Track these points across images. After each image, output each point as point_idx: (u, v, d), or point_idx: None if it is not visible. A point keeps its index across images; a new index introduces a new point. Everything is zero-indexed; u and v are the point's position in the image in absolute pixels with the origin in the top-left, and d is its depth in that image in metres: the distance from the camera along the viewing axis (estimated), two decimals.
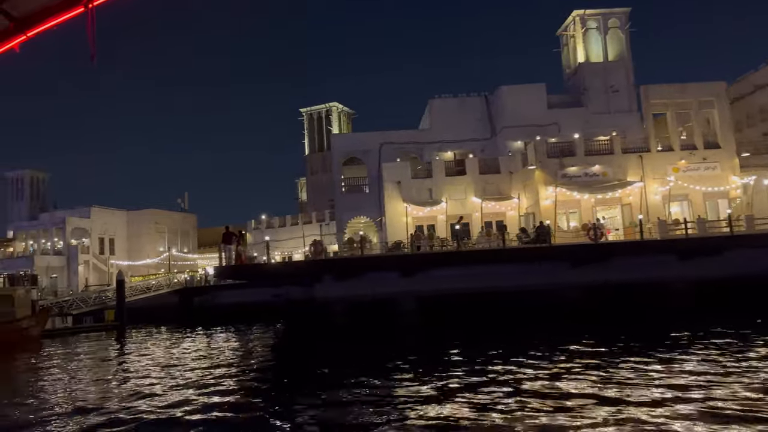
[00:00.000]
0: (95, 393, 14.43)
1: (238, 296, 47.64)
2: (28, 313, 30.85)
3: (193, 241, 74.74)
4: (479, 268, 24.46)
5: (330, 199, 38.70)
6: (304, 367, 17.14)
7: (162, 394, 13.20)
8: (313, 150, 58.43)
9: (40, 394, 14.87)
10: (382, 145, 36.45)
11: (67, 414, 11.70)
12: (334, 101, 57.89)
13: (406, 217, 31.18)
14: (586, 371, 12.58)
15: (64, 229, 62.59)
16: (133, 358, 22.50)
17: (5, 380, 18.78)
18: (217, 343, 26.55)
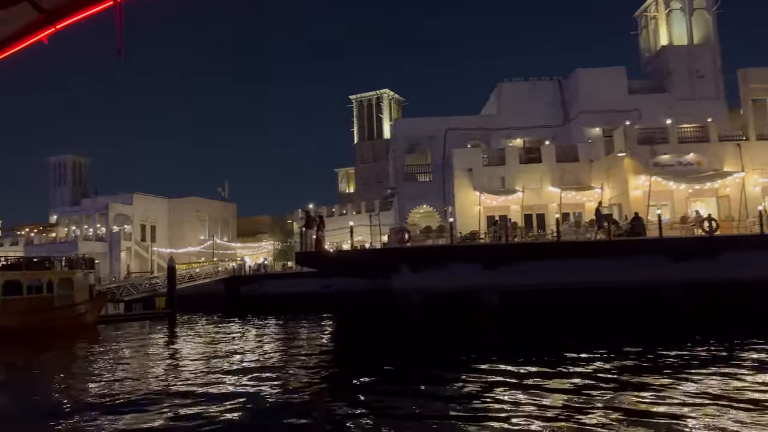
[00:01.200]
0: (163, 382, 13.55)
1: (286, 286, 46.56)
2: (86, 298, 29.86)
3: (233, 230, 74.00)
4: (572, 262, 22.53)
5: (391, 187, 36.94)
6: (379, 361, 15.64)
7: (232, 384, 12.63)
8: (363, 138, 56.83)
9: (106, 382, 13.83)
10: (447, 131, 34.60)
11: (140, 403, 10.96)
12: (385, 88, 56.15)
13: (479, 206, 29.33)
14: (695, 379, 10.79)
15: (106, 215, 62.20)
16: (193, 345, 21.56)
17: (67, 368, 17.62)
18: (277, 333, 25.38)
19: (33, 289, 26.86)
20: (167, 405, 10.60)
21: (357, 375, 13.13)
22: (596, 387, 10.45)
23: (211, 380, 13.25)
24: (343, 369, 15.11)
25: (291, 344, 21.16)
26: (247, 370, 14.36)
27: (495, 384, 11.10)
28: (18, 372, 17.66)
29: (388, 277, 25.40)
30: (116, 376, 14.71)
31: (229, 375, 13.86)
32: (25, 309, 26.27)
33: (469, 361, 13.98)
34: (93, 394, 12.56)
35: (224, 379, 13.27)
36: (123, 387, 13.01)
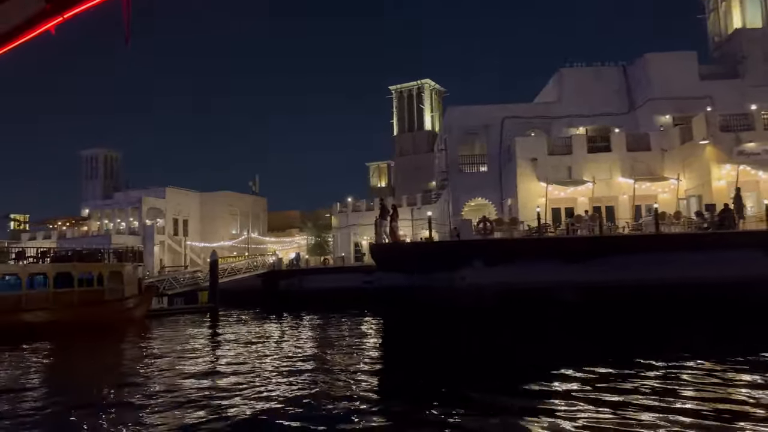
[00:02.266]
0: (220, 380, 12.83)
1: (326, 281, 45.40)
2: (135, 292, 28.88)
3: (264, 225, 73.19)
4: (662, 256, 20.86)
5: (442, 178, 35.43)
6: (456, 365, 14.26)
7: (289, 381, 12.23)
8: (402, 130, 55.31)
9: (167, 379, 13.04)
10: (504, 119, 32.99)
11: (201, 403, 10.36)
12: (426, 78, 54.52)
13: (546, 197, 27.70)
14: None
15: (140, 209, 61.67)
16: (245, 342, 20.57)
17: (124, 364, 16.53)
18: (327, 330, 24.23)
19: (84, 282, 25.91)
20: (227, 404, 10.17)
21: (434, 381, 11.86)
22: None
23: (275, 379, 12.51)
24: (419, 374, 13.24)
25: (348, 343, 19.83)
26: (311, 371, 13.51)
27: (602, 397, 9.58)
28: (74, 368, 16.63)
29: (452, 271, 23.95)
30: (175, 374, 13.78)
31: (292, 376, 12.94)
32: (76, 302, 25.31)
33: (562, 365, 12.40)
34: (153, 392, 11.62)
35: (287, 380, 12.44)
36: (183, 386, 12.19)
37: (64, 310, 24.51)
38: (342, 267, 46.40)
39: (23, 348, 19.91)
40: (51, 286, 24.51)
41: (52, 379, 14.94)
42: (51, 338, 22.38)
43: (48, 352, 19.78)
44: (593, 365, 12.13)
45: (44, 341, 21.73)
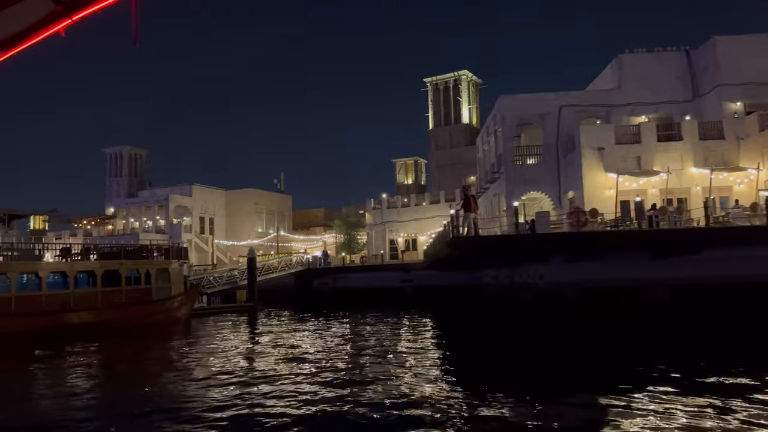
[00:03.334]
0: (281, 386, 11.80)
1: (362, 280, 44.02)
2: (181, 290, 27.60)
3: (289, 223, 72.00)
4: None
5: (493, 171, 33.82)
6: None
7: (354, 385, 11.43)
8: (438, 123, 53.67)
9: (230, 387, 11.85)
10: (561, 108, 31.34)
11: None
12: (464, 69, 52.82)
13: (615, 189, 26.05)
14: None
15: (167, 207, 60.68)
16: (293, 343, 19.48)
17: (177, 369, 15.16)
18: (374, 331, 22.83)
19: (131, 280, 24.64)
20: (309, 413, 9.45)
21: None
22: None
23: (355, 385, 11.52)
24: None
25: (401, 344, 18.34)
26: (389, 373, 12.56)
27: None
28: (128, 374, 15.32)
29: (530, 267, 22.39)
30: (237, 382, 12.50)
31: (350, 384, 11.77)
32: (124, 302, 24.04)
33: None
34: (218, 403, 10.49)
35: (347, 386, 11.43)
36: (248, 394, 11.12)
37: (112, 310, 23.26)
38: (379, 265, 45.01)
39: (71, 351, 18.70)
40: (99, 285, 23.24)
41: (107, 386, 13.64)
42: (99, 340, 21.15)
43: (98, 356, 18.56)
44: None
45: (92, 343, 20.53)
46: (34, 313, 20.80)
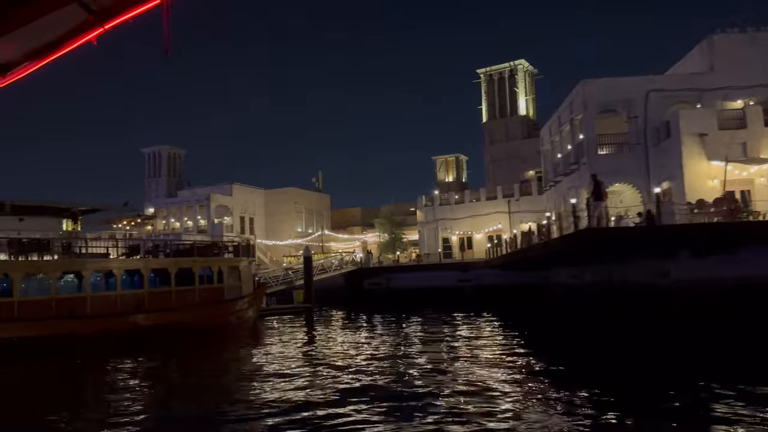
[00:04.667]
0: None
1: (417, 280, 42.06)
2: (251, 290, 26.00)
3: (327, 222, 70.57)
4: None
5: (574, 162, 31.68)
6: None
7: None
8: (493, 116, 51.57)
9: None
10: (648, 93, 29.12)
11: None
12: (521, 59, 50.66)
13: (723, 178, 23.78)
14: None
15: (208, 206, 59.68)
16: (366, 346, 18.31)
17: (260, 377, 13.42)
18: (445, 332, 21.22)
19: (204, 279, 23.07)
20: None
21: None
22: None
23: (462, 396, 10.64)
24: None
25: (486, 349, 16.57)
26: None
27: None
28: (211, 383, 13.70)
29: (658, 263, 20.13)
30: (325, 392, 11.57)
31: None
32: (197, 302, 22.48)
33: None
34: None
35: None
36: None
37: (185, 311, 21.71)
38: (434, 264, 43.05)
39: (145, 356, 17.20)
40: (173, 284, 21.69)
41: (193, 398, 12.00)
42: (178, 343, 19.64)
43: (178, 362, 16.99)
44: None
45: (169, 346, 19.06)
46: (109, 315, 19.32)
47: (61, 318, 18.09)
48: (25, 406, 12.01)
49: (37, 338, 17.17)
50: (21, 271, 17.74)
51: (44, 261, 18.64)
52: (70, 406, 11.59)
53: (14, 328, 17.18)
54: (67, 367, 16.05)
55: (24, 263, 18.18)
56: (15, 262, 17.91)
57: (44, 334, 17.38)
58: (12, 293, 17.40)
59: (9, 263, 17.68)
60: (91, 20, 3.10)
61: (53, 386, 14.12)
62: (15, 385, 14.49)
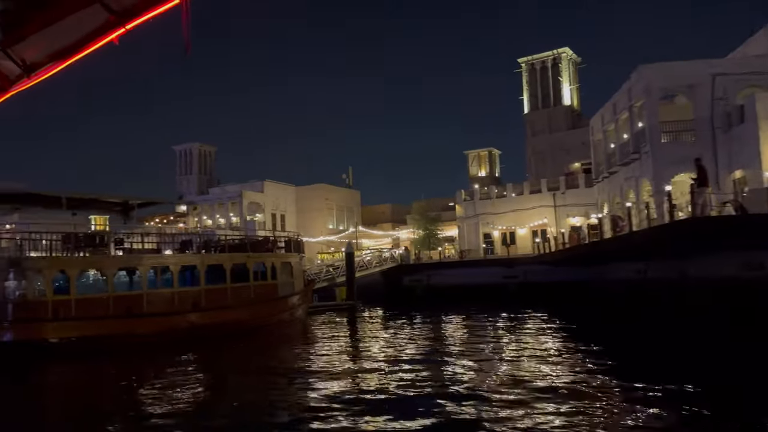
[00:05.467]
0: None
1: (459, 277, 40.85)
2: (302, 287, 25.05)
3: (358, 219, 69.62)
4: None
5: (635, 151, 30.15)
6: None
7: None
8: (535, 107, 50.00)
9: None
10: (715, 77, 27.46)
11: None
12: (564, 46, 48.97)
13: None
14: None
15: (240, 203, 59.19)
16: (422, 345, 17.38)
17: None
18: (503, 331, 19.95)
19: (258, 275, 22.15)
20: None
21: None
22: None
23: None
24: None
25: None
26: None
27: None
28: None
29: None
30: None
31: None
32: (252, 299, 21.56)
33: None
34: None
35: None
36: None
37: (241, 309, 20.82)
38: (478, 260, 41.79)
39: (203, 356, 16.33)
40: (228, 280, 20.79)
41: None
42: (231, 342, 18.76)
43: (239, 362, 16.04)
44: None
45: (227, 345, 18.16)
46: (166, 313, 18.47)
47: (118, 317, 17.28)
48: (89, 409, 11.18)
49: (95, 338, 16.39)
50: (78, 267, 16.97)
51: (101, 257, 17.85)
52: (133, 409, 10.73)
53: (72, 328, 16.40)
54: (127, 368, 15.23)
55: (81, 259, 17.42)
56: (71, 258, 17.14)
57: (102, 334, 16.58)
58: (69, 290, 16.61)
59: (65, 259, 16.91)
60: (112, 20, 3.10)
61: (115, 389, 13.27)
62: (78, 387, 13.69)
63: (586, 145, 41.16)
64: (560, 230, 40.91)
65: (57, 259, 16.77)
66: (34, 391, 13.42)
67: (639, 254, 24.96)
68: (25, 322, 16.00)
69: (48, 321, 16.08)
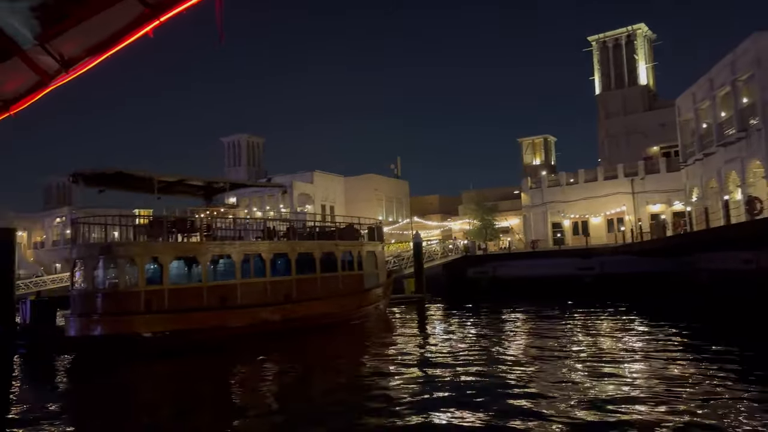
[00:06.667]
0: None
1: (528, 268, 38.64)
2: (385, 278, 23.34)
3: (407, 210, 67.87)
4: None
5: (742, 129, 27.43)
6: None
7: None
8: (608, 87, 47.14)
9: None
10: None
11: None
12: (639, 23, 45.94)
13: None
14: None
15: (290, 195, 57.92)
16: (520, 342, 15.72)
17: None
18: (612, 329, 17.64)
19: (345, 265, 20.49)
20: None
21: None
22: None
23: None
24: None
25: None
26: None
27: None
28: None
29: None
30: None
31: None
32: (340, 291, 19.91)
33: None
34: None
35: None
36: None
37: (330, 301, 19.20)
38: (549, 251, 39.52)
39: (303, 355, 14.69)
40: (318, 270, 19.18)
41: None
42: (324, 338, 17.18)
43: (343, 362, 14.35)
44: None
45: (321, 339, 16.55)
46: (259, 304, 16.95)
47: (212, 308, 15.82)
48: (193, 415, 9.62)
49: (189, 332, 14.94)
50: (171, 254, 15.54)
51: (195, 243, 16.41)
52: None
53: (165, 321, 14.99)
54: (231, 366, 13.73)
55: (175, 245, 15.97)
56: (165, 244, 15.73)
57: (196, 327, 15.13)
58: (161, 280, 15.20)
59: (159, 246, 15.50)
60: (147, 13, 3.13)
61: (225, 394, 11.75)
62: (180, 389, 12.21)
63: (666, 127, 38.42)
64: (638, 219, 38.30)
65: (149, 245, 15.39)
66: (129, 392, 12.02)
67: (745, 244, 22.49)
68: (116, 314, 14.65)
69: (140, 314, 14.70)
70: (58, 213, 69.27)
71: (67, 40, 3.16)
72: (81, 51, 3.28)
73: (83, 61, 3.33)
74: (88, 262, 15.05)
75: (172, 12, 3.16)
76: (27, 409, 10.45)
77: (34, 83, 3.36)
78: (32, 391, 12.63)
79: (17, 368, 15.29)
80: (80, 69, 3.35)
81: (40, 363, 15.57)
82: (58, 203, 75.23)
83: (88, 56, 3.32)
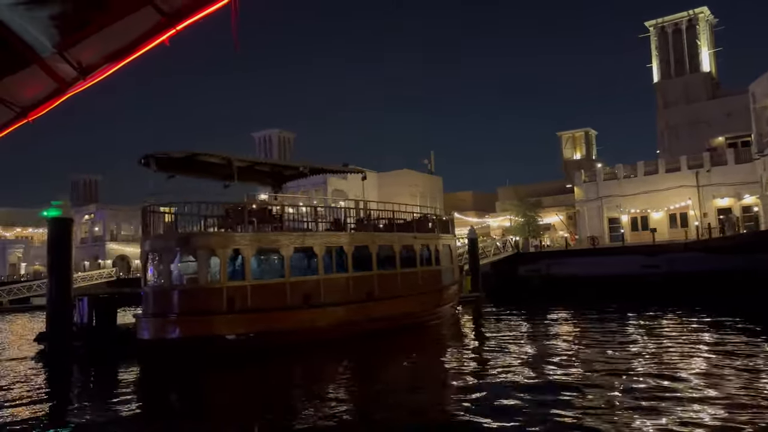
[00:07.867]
0: None
1: (585, 267, 36.56)
2: (458, 274, 21.58)
3: (441, 206, 65.99)
4: None
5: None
6: None
7: None
8: (667, 74, 44.80)
9: None
10: None
11: None
12: (701, 6, 43.52)
13: None
14: None
15: (324, 191, 56.70)
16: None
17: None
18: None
19: (423, 260, 18.74)
20: None
21: None
22: None
23: None
24: None
25: None
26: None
27: None
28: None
29: None
30: None
31: None
32: (420, 288, 18.16)
33: None
34: None
35: None
36: None
37: (410, 299, 17.46)
38: (610, 248, 37.49)
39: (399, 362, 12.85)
40: (398, 266, 17.46)
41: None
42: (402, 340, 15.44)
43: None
44: None
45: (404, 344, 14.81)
46: (341, 303, 15.28)
47: (297, 307, 14.17)
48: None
49: (273, 333, 13.30)
50: (255, 245, 13.91)
51: (277, 234, 14.73)
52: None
53: (247, 322, 13.35)
54: (320, 373, 12.05)
55: (258, 236, 14.24)
56: (248, 235, 14.08)
57: (280, 329, 13.48)
58: (244, 275, 13.58)
59: (242, 236, 13.87)
60: (163, 22, 3.18)
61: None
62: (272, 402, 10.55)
63: (731, 116, 36.14)
64: (703, 213, 36.07)
65: (231, 236, 13.77)
66: (217, 407, 10.39)
67: None
68: (195, 314, 13.05)
69: (222, 313, 13.09)
70: (86, 210, 68.55)
71: (86, 47, 3.19)
72: (99, 58, 3.31)
73: (101, 69, 3.33)
74: (164, 255, 13.47)
75: (187, 21, 3.19)
76: (103, 420, 8.85)
77: (52, 90, 3.38)
78: (100, 400, 11.01)
79: (78, 374, 13.76)
80: (98, 76, 3.37)
81: (103, 367, 14.02)
82: (85, 200, 74.65)
83: (106, 63, 3.33)
